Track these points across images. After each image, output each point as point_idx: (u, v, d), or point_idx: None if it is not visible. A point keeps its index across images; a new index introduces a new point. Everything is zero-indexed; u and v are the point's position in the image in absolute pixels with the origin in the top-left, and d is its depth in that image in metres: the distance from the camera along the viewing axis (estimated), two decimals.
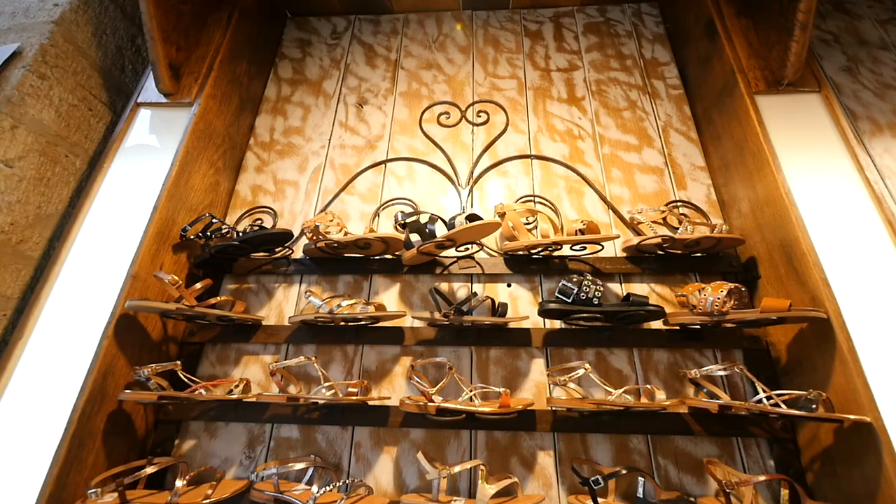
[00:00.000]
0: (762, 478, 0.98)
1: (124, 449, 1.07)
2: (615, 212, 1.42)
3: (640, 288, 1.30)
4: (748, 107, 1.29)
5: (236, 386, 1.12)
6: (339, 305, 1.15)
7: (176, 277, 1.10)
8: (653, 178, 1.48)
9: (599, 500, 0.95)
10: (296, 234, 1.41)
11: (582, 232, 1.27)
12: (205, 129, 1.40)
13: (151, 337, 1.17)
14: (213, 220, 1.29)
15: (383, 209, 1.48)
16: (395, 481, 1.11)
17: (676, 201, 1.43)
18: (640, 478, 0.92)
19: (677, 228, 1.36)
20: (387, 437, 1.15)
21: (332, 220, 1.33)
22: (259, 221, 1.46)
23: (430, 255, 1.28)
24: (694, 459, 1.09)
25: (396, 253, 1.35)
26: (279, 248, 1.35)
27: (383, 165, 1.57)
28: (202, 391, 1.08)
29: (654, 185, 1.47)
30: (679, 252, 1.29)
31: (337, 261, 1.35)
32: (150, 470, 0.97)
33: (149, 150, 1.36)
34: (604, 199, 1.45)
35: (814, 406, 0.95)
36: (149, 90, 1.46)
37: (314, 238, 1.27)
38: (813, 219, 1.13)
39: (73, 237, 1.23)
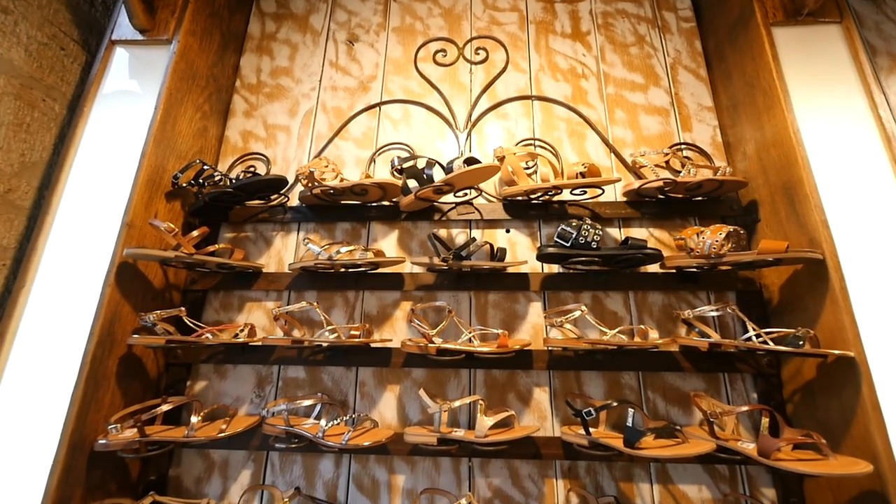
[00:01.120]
0: (745, 408, 1.04)
1: (139, 390, 1.12)
2: (617, 155, 1.39)
3: (638, 233, 1.30)
4: (763, 39, 1.22)
5: (241, 330, 1.15)
6: (338, 252, 1.15)
7: (172, 225, 1.09)
8: (658, 119, 1.43)
9: (591, 429, 1.01)
10: (290, 180, 1.38)
11: (583, 175, 1.24)
12: (187, 70, 1.32)
13: (154, 285, 1.18)
14: (205, 167, 1.26)
15: (379, 155, 1.43)
16: (398, 416, 1.17)
17: (680, 144, 1.39)
18: (630, 409, 0.97)
19: (680, 172, 1.33)
20: (389, 377, 1.20)
21: (326, 167, 1.30)
22: (252, 168, 1.42)
23: (428, 201, 1.26)
24: (681, 393, 1.15)
25: (394, 199, 1.33)
26: (275, 196, 1.33)
27: (378, 108, 1.50)
28: (209, 335, 1.11)
29: (659, 127, 1.42)
30: (680, 196, 1.27)
31: (334, 208, 1.34)
32: (165, 407, 1.02)
33: (130, 93, 1.29)
34: (606, 141, 1.40)
35: (801, 343, 0.99)
36: (123, 27, 1.36)
37: (309, 185, 1.25)
38: (819, 160, 1.11)
39: (62, 186, 1.20)
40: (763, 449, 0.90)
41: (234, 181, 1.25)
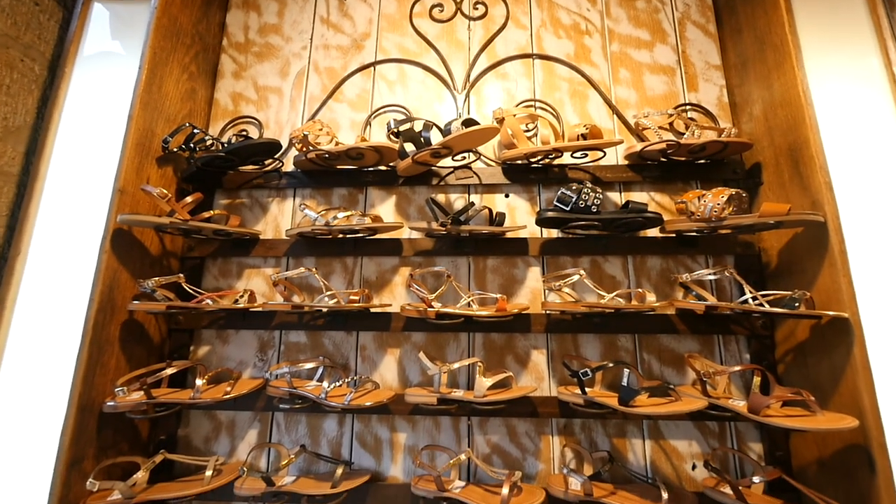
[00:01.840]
0: (737, 368, 1.07)
1: (143, 354, 1.14)
2: (620, 116, 1.35)
3: (639, 197, 1.29)
4: None
5: (241, 296, 1.15)
6: (335, 218, 1.14)
7: (165, 191, 1.07)
8: (663, 79, 1.38)
9: (587, 389, 1.04)
10: (284, 145, 1.35)
11: (584, 137, 1.21)
12: (170, 26, 1.26)
13: (151, 252, 1.18)
14: (195, 131, 1.22)
15: (374, 117, 1.39)
16: (399, 378, 1.20)
17: (685, 105, 1.35)
18: (625, 369, 1.00)
19: (684, 133, 1.30)
20: (390, 341, 1.22)
21: (321, 130, 1.26)
22: (244, 132, 1.38)
23: (425, 165, 1.24)
24: (676, 355, 1.17)
25: (391, 164, 1.30)
26: (269, 161, 1.30)
27: (372, 69, 1.44)
28: (209, 301, 1.11)
29: (664, 87, 1.37)
30: (683, 159, 1.25)
31: (330, 173, 1.31)
32: (169, 371, 1.04)
33: (112, 53, 1.23)
34: (609, 102, 1.36)
35: (797, 304, 1.00)
36: None
37: (304, 149, 1.22)
38: (827, 120, 1.08)
39: (48, 151, 1.17)
40: (753, 406, 0.93)
41: (225, 145, 1.22)
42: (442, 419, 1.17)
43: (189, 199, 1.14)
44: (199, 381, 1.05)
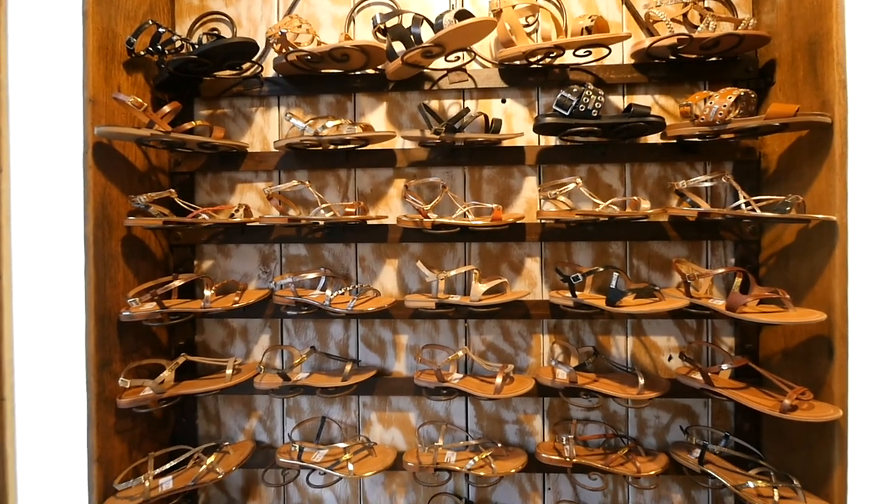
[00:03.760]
0: (721, 270, 1.12)
1: (150, 269, 1.17)
2: (629, 7, 1.22)
3: (643, 100, 1.23)
4: None
5: (237, 211, 1.15)
6: (323, 127, 1.09)
7: (139, 99, 1.01)
8: None
9: (577, 293, 1.10)
10: (261, 45, 1.23)
11: (588, 31, 1.11)
12: None
13: (137, 167, 1.14)
14: (161, 30, 1.11)
15: (358, 11, 1.26)
16: (398, 286, 1.26)
17: None
18: (614, 273, 1.04)
19: (697, 27, 1.19)
20: (388, 252, 1.26)
21: (300, 27, 1.15)
22: (215, 31, 1.25)
23: (416, 67, 1.15)
24: (665, 260, 1.22)
25: (379, 66, 1.20)
26: (247, 65, 1.20)
27: None
28: (205, 216, 1.12)
29: None
30: (693, 56, 1.16)
31: (314, 78, 1.22)
32: (177, 283, 1.09)
33: None
34: None
35: (788, 209, 1.01)
36: None
37: (283, 50, 1.12)
38: (855, 10, 0.99)
39: (2, 58, 1.07)
40: (731, 304, 1.00)
41: (196, 47, 1.11)
42: (441, 322, 1.25)
43: (167, 108, 1.07)
44: (207, 292, 1.10)
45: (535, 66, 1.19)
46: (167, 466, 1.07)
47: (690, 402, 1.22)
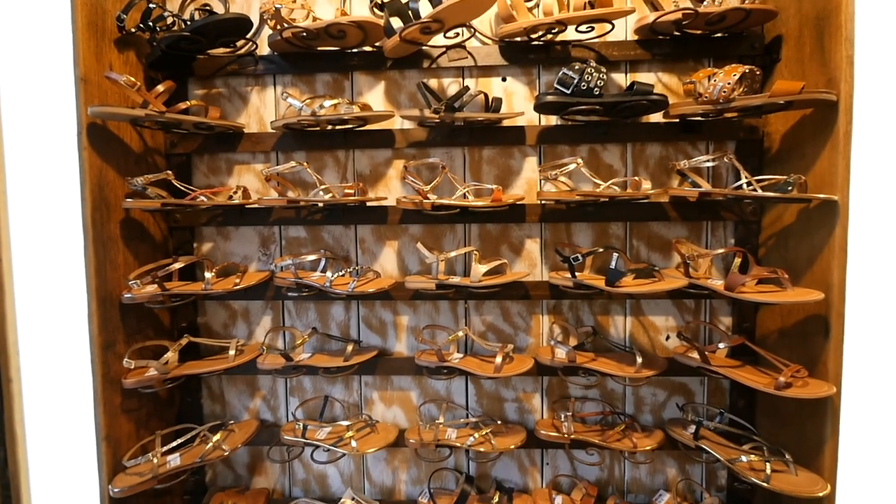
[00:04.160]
0: (720, 250, 1.12)
1: (149, 252, 1.17)
2: None
3: (646, 78, 1.21)
4: None
5: (235, 192, 1.14)
6: (321, 107, 1.07)
7: (132, 78, 0.99)
8: None
9: (577, 273, 1.10)
10: (255, 21, 1.20)
11: (591, 5, 1.08)
12: None
13: (133, 149, 1.13)
14: (151, 6, 1.08)
15: None
16: (398, 268, 1.27)
17: None
18: (614, 254, 1.05)
19: (703, 1, 1.16)
20: (387, 233, 1.26)
21: (294, 1, 1.11)
22: (207, 6, 1.21)
23: (415, 44, 1.12)
24: (665, 241, 1.22)
25: (377, 44, 1.18)
26: (241, 42, 1.17)
27: None
28: (203, 198, 1.11)
29: None
30: (699, 32, 1.13)
31: (310, 56, 1.19)
32: (177, 265, 1.09)
33: None
34: None
35: (790, 188, 1.01)
36: None
37: (278, 26, 1.09)
38: None
39: None
40: (730, 284, 1.00)
41: (188, 23, 1.08)
42: (441, 303, 1.26)
43: (161, 87, 1.05)
44: (208, 274, 1.10)
45: (536, 42, 1.16)
46: (174, 444, 1.09)
47: (687, 381, 1.24)
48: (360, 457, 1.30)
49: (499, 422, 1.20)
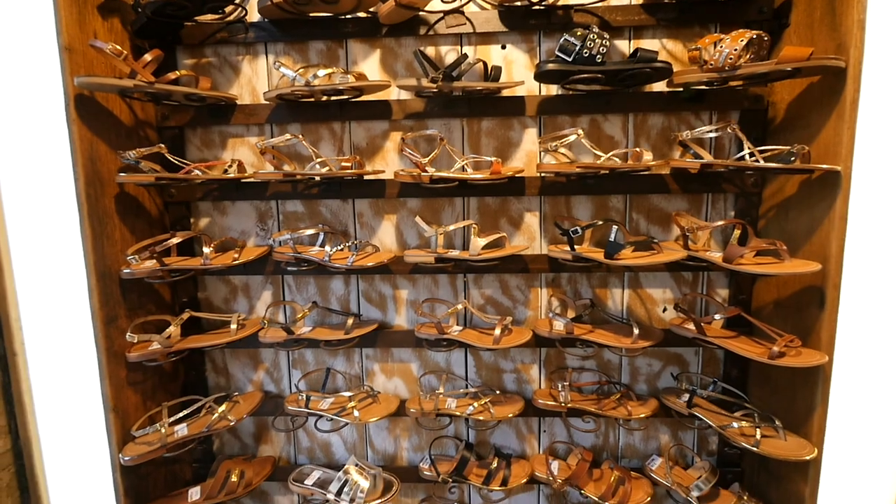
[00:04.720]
0: (720, 223, 1.12)
1: (146, 227, 1.17)
2: None
3: (650, 45, 1.17)
4: None
5: (230, 166, 1.12)
6: (314, 76, 1.04)
7: (118, 46, 0.95)
8: None
9: (576, 246, 1.10)
10: None
11: None
12: None
13: (123, 121, 1.10)
14: None
15: None
16: (397, 242, 1.26)
17: None
18: (613, 226, 1.04)
19: None
20: (386, 207, 1.25)
21: None
22: None
23: (411, 10, 1.08)
24: (664, 213, 1.22)
25: (371, 9, 1.13)
26: (230, 7, 1.12)
27: None
28: (198, 172, 1.09)
29: None
30: None
31: (303, 23, 1.15)
32: (175, 240, 1.09)
33: None
34: None
35: (793, 159, 0.99)
36: None
37: None
38: None
39: None
40: (728, 255, 1.00)
41: None
42: (440, 277, 1.26)
43: (148, 56, 1.02)
44: (206, 249, 1.10)
45: (536, 6, 1.12)
46: (181, 415, 1.12)
47: (682, 351, 1.27)
48: (363, 426, 1.34)
49: (497, 392, 1.23)
